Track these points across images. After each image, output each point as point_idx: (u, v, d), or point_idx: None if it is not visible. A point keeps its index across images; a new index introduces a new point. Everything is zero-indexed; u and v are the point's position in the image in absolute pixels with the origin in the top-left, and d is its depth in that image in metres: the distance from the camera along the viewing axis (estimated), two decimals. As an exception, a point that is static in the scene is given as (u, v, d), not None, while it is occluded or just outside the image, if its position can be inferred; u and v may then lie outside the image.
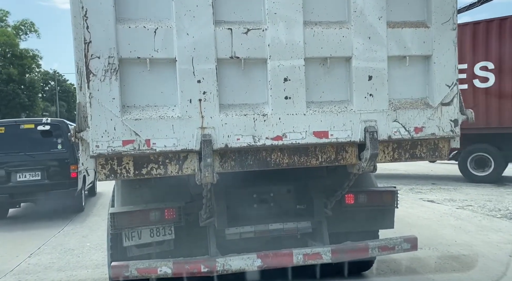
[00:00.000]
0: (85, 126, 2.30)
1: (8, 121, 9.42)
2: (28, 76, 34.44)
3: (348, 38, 2.52)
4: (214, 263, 2.81)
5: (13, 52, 32.10)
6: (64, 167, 7.63)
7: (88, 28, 2.24)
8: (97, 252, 5.11)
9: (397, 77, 2.61)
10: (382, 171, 12.30)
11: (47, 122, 7.82)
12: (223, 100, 2.43)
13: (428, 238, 5.05)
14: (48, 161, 7.58)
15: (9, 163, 7.41)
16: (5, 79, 31.35)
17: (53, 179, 7.51)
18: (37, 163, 7.49)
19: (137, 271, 2.78)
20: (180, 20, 2.33)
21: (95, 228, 6.76)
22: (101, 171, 2.36)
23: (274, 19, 2.43)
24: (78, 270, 4.50)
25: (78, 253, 5.20)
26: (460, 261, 4.28)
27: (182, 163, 2.43)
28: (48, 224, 7.28)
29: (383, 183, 9.51)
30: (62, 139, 7.73)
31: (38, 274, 4.49)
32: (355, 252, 2.96)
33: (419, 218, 6.31)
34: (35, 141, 7.62)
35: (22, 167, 7.45)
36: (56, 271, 4.60)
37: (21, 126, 7.82)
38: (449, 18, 2.59)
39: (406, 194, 8.49)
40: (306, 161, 2.59)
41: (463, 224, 5.86)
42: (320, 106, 2.54)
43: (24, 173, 7.45)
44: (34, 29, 34.62)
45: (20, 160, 7.50)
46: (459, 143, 2.71)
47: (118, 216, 2.94)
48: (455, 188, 9.17)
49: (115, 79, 2.26)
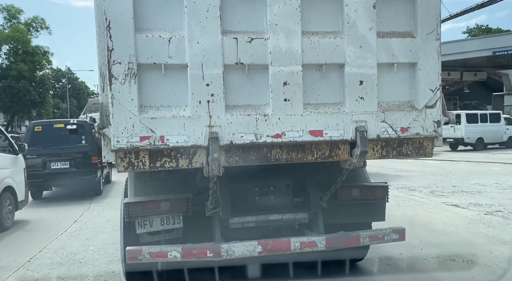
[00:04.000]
0: (107, 123, 2.58)
1: (44, 121, 12.33)
2: (39, 74, 34.80)
3: (341, 46, 2.78)
4: (219, 248, 3.06)
5: (24, 48, 32.50)
6: (87, 158, 9.39)
7: (111, 37, 2.52)
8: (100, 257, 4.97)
9: (386, 82, 2.87)
10: (399, 172, 12.30)
11: (74, 122, 9.89)
12: (229, 101, 2.69)
13: (459, 248, 4.70)
14: (74, 153, 9.36)
15: (45, 154, 9.15)
16: (16, 75, 31.78)
17: (78, 167, 9.29)
18: (66, 154, 9.30)
19: (149, 255, 3.05)
20: (191, 30, 2.60)
21: (113, 207, 7.62)
22: (120, 163, 2.64)
23: (275, 30, 2.69)
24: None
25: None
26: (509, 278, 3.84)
27: (191, 157, 2.71)
28: (76, 202, 8.87)
29: (402, 184, 9.37)
30: (85, 135, 9.52)
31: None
32: (348, 241, 3.23)
33: (445, 224, 5.91)
34: (65, 137, 9.42)
35: (54, 158, 9.22)
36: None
37: (54, 125, 9.85)
38: (433, 29, 2.85)
39: (427, 198, 8.08)
40: (303, 157, 2.86)
41: (496, 232, 5.36)
42: (316, 107, 2.80)
43: (56, 163, 9.25)
44: (45, 26, 35.01)
45: (53, 152, 9.25)
46: (442, 142, 2.97)
47: (132, 206, 3.20)
48: (478, 191, 8.64)
49: (134, 82, 2.55)
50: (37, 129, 9.43)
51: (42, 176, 9.04)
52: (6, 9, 33.38)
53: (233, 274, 3.58)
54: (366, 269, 4.14)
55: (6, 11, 33.40)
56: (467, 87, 31.97)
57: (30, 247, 5.41)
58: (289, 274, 3.52)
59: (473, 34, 41.67)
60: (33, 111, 35.55)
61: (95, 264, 4.61)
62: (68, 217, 7.36)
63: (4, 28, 33.32)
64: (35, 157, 8.89)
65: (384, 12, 2.82)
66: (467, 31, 44.74)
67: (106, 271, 4.34)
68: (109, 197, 9.52)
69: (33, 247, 5.35)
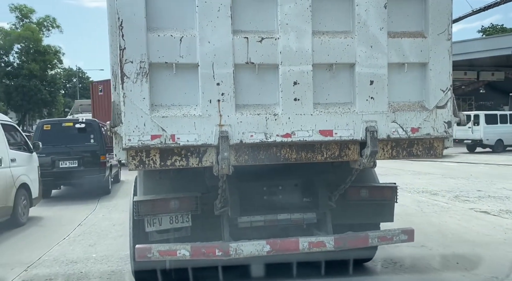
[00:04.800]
0: (119, 122, 2.61)
1: (53, 120, 12.38)
2: (50, 73, 35.23)
3: (352, 46, 2.78)
4: (228, 247, 3.08)
5: (36, 47, 32.88)
6: (95, 157, 9.42)
7: (123, 36, 2.55)
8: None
9: (396, 82, 2.86)
10: (418, 174, 11.88)
11: (83, 121, 9.88)
12: (239, 100, 2.71)
13: (503, 264, 4.14)
14: (83, 152, 9.39)
15: (54, 153, 9.15)
16: (27, 74, 32.22)
17: (87, 166, 9.31)
18: (75, 153, 9.32)
19: (158, 253, 3.07)
20: (202, 30, 2.62)
21: (120, 209, 7.50)
22: (132, 161, 2.68)
23: (285, 29, 2.71)
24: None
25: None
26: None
27: (202, 156, 2.73)
28: (82, 203, 8.73)
29: (422, 188, 9.33)
30: (94, 134, 9.56)
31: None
32: (356, 241, 3.23)
33: (478, 234, 5.42)
34: (73, 136, 9.46)
35: (63, 156, 9.26)
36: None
37: (62, 124, 9.98)
38: (445, 29, 2.84)
39: (453, 203, 7.56)
40: (312, 157, 2.86)
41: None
42: (325, 107, 2.81)
43: (65, 161, 9.28)
44: (56, 25, 35.41)
45: (62, 151, 9.29)
46: (452, 142, 2.96)
47: (141, 204, 3.23)
48: (507, 196, 8.00)
49: (146, 81, 2.57)
50: (46, 128, 9.47)
51: (51, 174, 9.01)
52: (19, 9, 33.87)
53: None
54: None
55: (18, 10, 33.87)
56: (483, 87, 31.40)
57: (30, 253, 5.13)
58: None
59: (487, 33, 41.03)
60: (44, 110, 36.01)
61: (95, 275, 4.28)
62: (73, 219, 7.13)
63: (17, 27, 33.77)
64: (44, 155, 8.81)
65: (395, 12, 2.82)
66: (481, 30, 44.09)
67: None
68: (117, 198, 9.41)
69: (33, 253, 5.07)
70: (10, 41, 32.42)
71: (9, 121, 7.22)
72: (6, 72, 33.19)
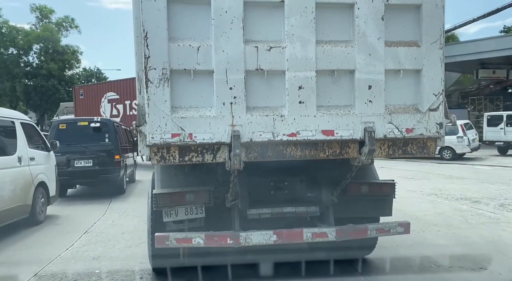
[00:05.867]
0: (143, 122, 2.93)
1: (68, 119, 12.19)
2: (68, 73, 35.85)
3: (352, 54, 3.06)
4: (238, 236, 3.36)
5: (54, 47, 33.54)
6: (110, 156, 9.35)
7: (148, 46, 2.86)
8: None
9: (392, 87, 3.13)
10: (449, 178, 11.25)
11: (98, 120, 9.81)
12: (249, 103, 2.99)
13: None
14: (97, 151, 9.32)
15: (69, 152, 9.11)
16: (45, 74, 32.94)
17: (101, 165, 9.25)
18: (90, 152, 9.27)
19: (175, 241, 3.35)
20: (217, 40, 2.92)
21: (131, 214, 7.28)
22: (154, 157, 2.99)
23: (292, 39, 2.99)
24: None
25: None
26: None
27: (216, 153, 3.03)
28: (92, 205, 8.49)
29: (460, 194, 8.63)
30: (108, 134, 9.50)
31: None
32: (356, 232, 3.50)
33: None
34: (88, 135, 9.42)
35: (78, 156, 9.21)
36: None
37: (78, 123, 9.89)
38: (437, 39, 3.11)
39: (500, 213, 6.78)
40: (316, 154, 3.15)
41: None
42: (328, 109, 3.09)
43: (80, 161, 9.23)
44: (75, 25, 36.07)
45: (77, 150, 9.24)
46: (444, 142, 3.22)
47: (160, 196, 3.51)
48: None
49: (167, 85, 2.89)
50: (61, 126, 9.43)
51: (66, 174, 8.97)
52: (39, 9, 34.53)
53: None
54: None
55: (39, 10, 34.54)
56: (510, 86, 30.42)
57: (26, 268, 4.51)
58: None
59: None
60: (62, 110, 36.83)
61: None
62: (79, 226, 6.60)
63: (36, 28, 34.44)
64: (59, 154, 8.68)
65: (392, 23, 3.09)
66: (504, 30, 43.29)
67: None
68: (130, 200, 9.04)
69: (29, 268, 4.43)
70: (29, 42, 33.11)
71: (28, 120, 7.20)
72: (26, 72, 33.97)
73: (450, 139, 15.65)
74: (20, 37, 33.48)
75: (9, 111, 6.93)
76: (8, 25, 33.60)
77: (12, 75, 33.16)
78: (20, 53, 34.26)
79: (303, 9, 2.97)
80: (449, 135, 15.69)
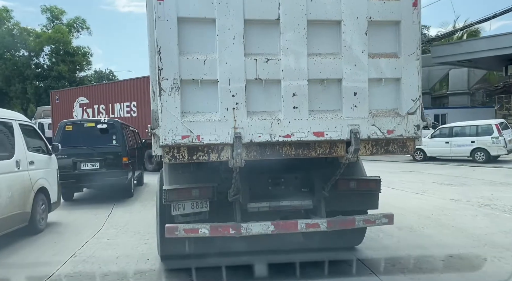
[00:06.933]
0: (157, 125, 3.33)
1: (75, 120, 11.62)
2: (79, 75, 35.44)
3: (339, 65, 3.46)
4: (239, 227, 3.75)
5: (65, 49, 33.39)
6: (118, 159, 9.03)
7: (161, 59, 3.25)
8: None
9: (375, 93, 3.53)
10: (492, 184, 10.08)
11: (105, 121, 9.50)
12: (250, 108, 3.37)
13: None
14: (105, 154, 9.03)
15: (76, 155, 8.87)
16: (56, 76, 33.10)
17: (108, 168, 8.94)
18: (97, 155, 8.96)
19: (184, 231, 3.74)
20: (221, 54, 3.31)
21: (130, 230, 6.38)
22: (166, 156, 3.38)
23: (286, 52, 3.39)
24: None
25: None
26: None
27: (220, 152, 3.41)
28: (90, 217, 7.57)
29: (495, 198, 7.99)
30: (116, 135, 9.19)
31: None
32: (345, 223, 3.91)
33: None
34: (95, 137, 9.12)
35: (85, 158, 8.90)
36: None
37: (84, 124, 9.53)
38: (414, 51, 3.51)
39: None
40: (308, 153, 3.54)
41: None
42: (318, 113, 3.48)
43: (87, 163, 8.92)
44: (86, 26, 35.81)
45: (84, 152, 8.93)
46: (422, 142, 3.63)
47: (169, 192, 3.86)
48: None
49: (178, 94, 3.27)
50: (67, 128, 9.11)
51: (73, 177, 8.71)
52: (50, 10, 34.29)
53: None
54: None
55: (49, 11, 34.31)
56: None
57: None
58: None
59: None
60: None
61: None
62: (69, 243, 5.60)
63: (47, 29, 34.23)
64: (65, 157, 8.52)
65: (374, 37, 3.50)
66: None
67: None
68: (133, 210, 8.05)
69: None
70: (41, 43, 32.89)
71: (27, 122, 6.74)
72: (36, 73, 34.07)
73: (484, 140, 15.16)
74: (31, 39, 33.40)
75: (6, 112, 6.35)
76: (19, 27, 33.88)
77: (23, 77, 33.33)
78: (31, 54, 34.24)
79: (296, 26, 3.38)
80: (483, 136, 15.19)
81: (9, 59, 33.47)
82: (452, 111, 26.63)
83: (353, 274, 4.18)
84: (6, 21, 33.00)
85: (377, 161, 15.06)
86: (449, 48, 23.32)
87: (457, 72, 29.41)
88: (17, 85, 32.85)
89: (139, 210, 8.18)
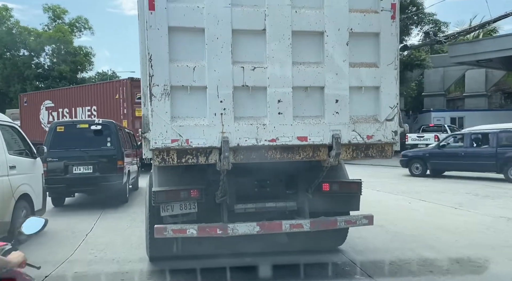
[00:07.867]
0: (147, 129, 3.45)
1: (67, 121, 10.95)
2: (80, 75, 34.29)
3: (322, 74, 3.64)
4: (226, 227, 3.88)
5: (66, 49, 32.59)
6: (112, 162, 8.49)
7: (152, 66, 3.39)
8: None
9: (356, 101, 3.72)
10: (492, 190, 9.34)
11: (99, 123, 8.89)
12: (237, 114, 3.53)
13: None
14: (98, 157, 8.49)
15: (67, 158, 8.31)
16: (57, 76, 32.17)
17: (102, 172, 8.38)
18: (90, 158, 8.40)
19: (172, 231, 3.85)
20: (210, 61, 3.46)
21: (118, 244, 5.64)
22: (156, 159, 3.51)
23: (272, 61, 3.56)
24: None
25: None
26: None
27: (208, 156, 3.56)
28: (73, 229, 6.64)
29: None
30: (110, 137, 8.63)
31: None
32: (327, 224, 4.08)
33: None
34: (88, 139, 8.59)
35: (77, 161, 8.32)
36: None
37: (77, 125, 8.86)
38: (392, 61, 3.72)
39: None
40: (292, 157, 3.70)
41: None
42: (302, 119, 3.65)
43: (79, 167, 8.34)
44: (88, 26, 34.98)
45: (76, 155, 8.38)
46: (399, 147, 3.82)
47: (158, 194, 3.96)
48: None
49: (168, 99, 3.41)
50: (59, 129, 8.47)
51: (64, 181, 8.15)
52: (52, 9, 33.53)
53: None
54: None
55: (52, 10, 33.55)
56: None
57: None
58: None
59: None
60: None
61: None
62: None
63: (49, 28, 33.45)
64: (57, 160, 7.98)
65: (355, 48, 3.69)
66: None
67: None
68: (119, 227, 6.66)
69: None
70: (41, 43, 31.99)
71: (9, 122, 6.14)
72: (37, 74, 32.90)
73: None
74: (32, 39, 32.41)
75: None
76: (19, 26, 33.05)
77: (23, 77, 32.86)
78: (31, 54, 33.18)
79: (281, 36, 3.56)
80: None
81: (9, 59, 32.90)
82: (470, 113, 24.91)
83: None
84: (5, 20, 32.66)
85: (366, 177, 13.44)
86: (468, 47, 21.63)
87: (474, 73, 27.97)
88: (17, 86, 32.44)
89: (130, 224, 6.90)
